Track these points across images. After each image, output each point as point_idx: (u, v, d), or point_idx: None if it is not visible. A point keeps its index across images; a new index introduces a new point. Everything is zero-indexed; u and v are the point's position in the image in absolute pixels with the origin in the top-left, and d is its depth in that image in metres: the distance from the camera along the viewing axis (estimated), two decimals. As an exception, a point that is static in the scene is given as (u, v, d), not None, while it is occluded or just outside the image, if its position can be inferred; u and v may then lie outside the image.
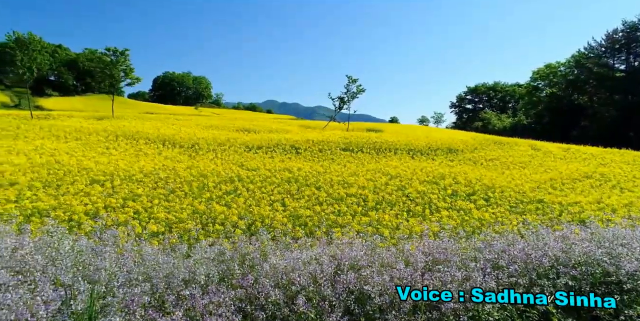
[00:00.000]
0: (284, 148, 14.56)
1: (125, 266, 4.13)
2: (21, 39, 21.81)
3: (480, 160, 15.06)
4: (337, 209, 6.61)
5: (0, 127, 15.27)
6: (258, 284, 3.49)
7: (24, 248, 4.30)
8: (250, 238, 5.04)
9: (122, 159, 10.32)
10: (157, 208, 6.22)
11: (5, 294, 3.18)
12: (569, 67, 46.92)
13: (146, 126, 22.22)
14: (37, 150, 10.86)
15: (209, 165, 9.91)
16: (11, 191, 6.62)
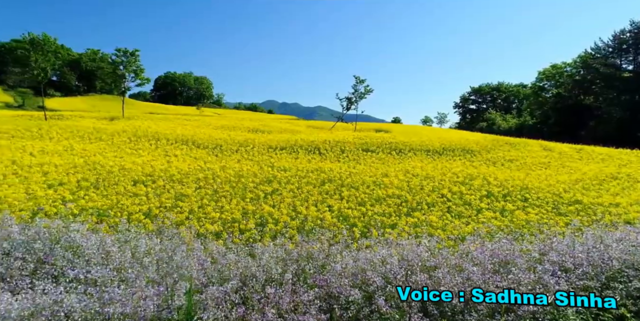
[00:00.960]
0: (305, 149, 14.70)
1: (200, 264, 4.30)
2: (35, 39, 21.94)
3: (499, 160, 15.19)
4: (383, 210, 6.75)
5: (23, 128, 15.40)
6: (334, 283, 3.58)
7: (108, 247, 4.46)
8: (308, 237, 5.18)
9: (154, 160, 10.46)
10: (208, 208, 6.36)
11: (113, 289, 3.35)
12: (575, 67, 46.99)
13: (160, 126, 22.37)
14: (68, 151, 11.01)
15: (238, 165, 10.04)
16: (64, 191, 6.77)
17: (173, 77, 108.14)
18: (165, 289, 3.63)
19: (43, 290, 3.36)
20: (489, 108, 77.37)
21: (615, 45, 40.86)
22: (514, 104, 76.91)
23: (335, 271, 3.81)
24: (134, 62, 31.27)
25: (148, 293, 3.40)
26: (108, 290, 3.47)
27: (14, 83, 77.85)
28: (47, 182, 7.43)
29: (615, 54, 41.35)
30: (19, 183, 7.21)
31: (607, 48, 41.80)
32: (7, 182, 7.14)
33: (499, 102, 78.47)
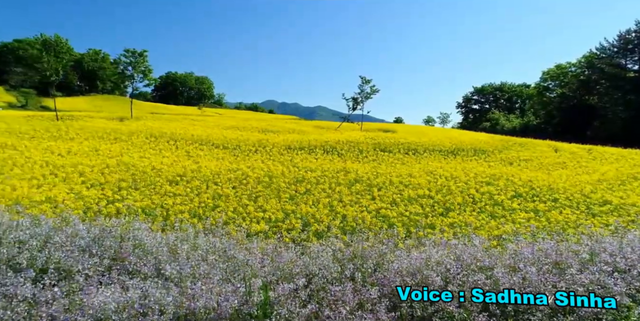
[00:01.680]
0: (322, 149, 14.85)
1: (260, 262, 4.46)
2: (48, 40, 22.08)
3: (514, 160, 15.33)
4: (417, 210, 6.88)
5: (41, 129, 15.55)
6: (394, 282, 3.69)
7: (172, 244, 4.62)
8: (352, 237, 5.31)
9: (179, 160, 10.60)
10: (249, 208, 6.49)
11: (195, 285, 3.52)
12: (579, 67, 47.14)
13: (172, 127, 22.50)
14: (94, 151, 11.15)
15: (264, 165, 10.17)
16: (106, 190, 6.91)
17: (174, 77, 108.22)
18: (242, 285, 3.80)
19: (123, 285, 3.55)
20: (491, 108, 77.51)
21: (621, 45, 41.01)
22: (516, 104, 77.05)
23: (393, 270, 3.93)
24: (142, 63, 31.39)
25: (226, 289, 3.57)
26: (189, 285, 3.65)
27: (16, 83, 78.02)
28: (87, 182, 7.57)
29: (620, 54, 41.50)
30: (60, 183, 7.35)
31: (613, 48, 41.95)
32: (49, 182, 7.28)
33: (501, 102, 78.60)
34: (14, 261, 4.12)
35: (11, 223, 4.91)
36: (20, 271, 4.00)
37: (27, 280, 3.71)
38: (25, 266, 4.03)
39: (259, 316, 3.29)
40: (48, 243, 4.46)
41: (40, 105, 71.01)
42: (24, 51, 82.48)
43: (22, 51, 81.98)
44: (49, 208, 5.62)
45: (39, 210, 5.58)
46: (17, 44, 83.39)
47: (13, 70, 78.79)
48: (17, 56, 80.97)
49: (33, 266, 4.09)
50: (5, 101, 65.20)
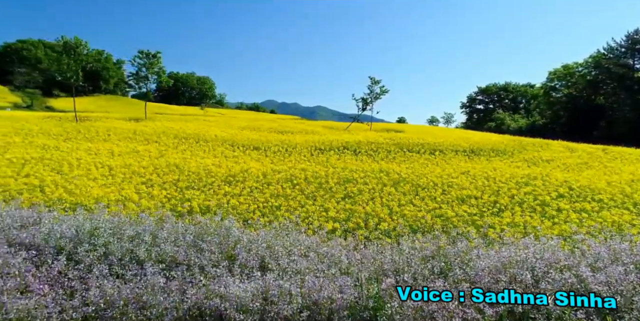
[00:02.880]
0: (349, 149, 15.12)
1: (349, 259, 4.75)
2: (69, 43, 22.35)
3: (536, 160, 15.58)
4: (470, 210, 7.13)
5: (71, 130, 15.81)
6: (484, 279, 3.93)
7: (270, 241, 4.90)
8: (423, 236, 5.57)
9: (218, 161, 10.85)
10: (312, 207, 6.74)
11: (313, 277, 3.81)
12: (586, 67, 47.42)
13: (190, 127, 22.78)
14: (134, 152, 11.40)
15: (305, 166, 10.41)
16: (171, 191, 7.16)
17: (176, 77, 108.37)
18: (355, 279, 4.09)
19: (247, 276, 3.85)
20: (495, 108, 77.76)
21: (629, 45, 41.30)
22: (521, 104, 77.31)
23: (479, 268, 4.16)
24: (156, 64, 31.64)
25: (343, 282, 3.86)
26: (307, 278, 3.95)
27: (20, 84, 78.24)
28: (147, 182, 7.83)
29: (628, 55, 41.79)
30: (123, 183, 7.61)
31: (620, 48, 42.25)
32: (113, 182, 7.54)
33: (506, 102, 78.87)
34: (133, 254, 4.42)
35: (113, 220, 5.20)
36: (142, 263, 4.32)
37: (156, 271, 4.04)
38: (144, 259, 4.33)
39: (376, 307, 3.56)
40: (157, 239, 4.76)
41: (44, 105, 71.26)
42: (28, 52, 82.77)
43: (25, 52, 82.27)
44: (131, 207, 5.87)
45: (117, 209, 5.83)
46: (21, 44, 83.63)
47: (17, 71, 79.01)
48: (20, 57, 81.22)
49: (151, 259, 4.39)
50: (10, 102, 65.41)
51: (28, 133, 14.31)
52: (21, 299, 3.49)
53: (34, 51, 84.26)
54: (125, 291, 3.69)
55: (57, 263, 4.15)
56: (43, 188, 6.87)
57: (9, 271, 3.96)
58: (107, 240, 4.65)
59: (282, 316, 3.44)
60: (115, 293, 3.69)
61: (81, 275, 4.03)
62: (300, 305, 3.49)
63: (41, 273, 3.96)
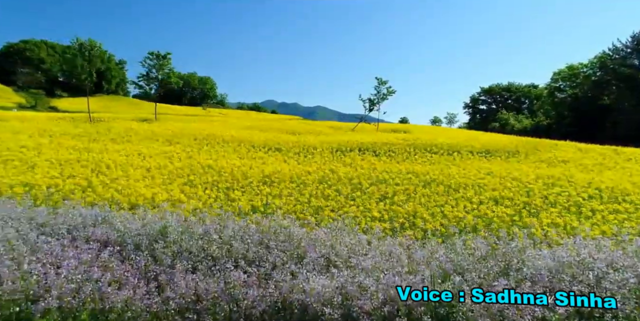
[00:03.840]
0: (370, 150, 15.33)
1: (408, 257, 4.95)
2: (84, 45, 22.56)
3: (551, 161, 15.77)
4: (506, 211, 7.30)
5: (94, 132, 16.00)
6: (546, 278, 4.09)
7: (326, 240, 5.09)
8: (472, 237, 5.75)
9: (247, 162, 11.03)
10: (352, 207, 6.93)
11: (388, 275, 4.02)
12: (591, 68, 47.61)
13: (204, 128, 22.96)
14: (165, 154, 11.59)
15: (332, 167, 10.60)
16: (213, 191, 7.35)
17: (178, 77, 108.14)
18: (428, 276, 4.29)
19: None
20: (499, 108, 77.93)
21: (634, 46, 41.48)
22: (524, 105, 77.47)
23: (539, 268, 4.32)
24: (166, 65, 31.85)
25: (415, 280, 4.07)
26: (382, 275, 4.17)
27: (24, 84, 78.41)
28: (187, 183, 8.02)
29: (634, 55, 41.96)
30: (166, 184, 7.80)
31: (626, 49, 42.43)
32: (156, 182, 7.73)
33: (509, 103, 79.03)
34: (208, 251, 4.64)
35: (179, 219, 5.40)
36: (216, 259, 4.54)
37: (236, 267, 4.26)
38: (218, 256, 4.55)
39: (451, 304, 3.75)
40: (223, 237, 4.98)
41: (48, 106, 71.38)
42: (31, 52, 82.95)
43: (28, 52, 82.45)
44: (182, 207, 6.06)
45: (171, 209, 6.02)
46: (24, 44, 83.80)
47: (20, 71, 79.19)
48: (23, 57, 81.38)
49: (224, 256, 4.61)
50: (15, 102, 65.56)
51: (52, 134, 14.50)
52: (121, 290, 3.71)
53: (37, 51, 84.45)
54: (213, 285, 3.92)
55: (139, 258, 4.37)
56: (93, 188, 7.06)
57: (100, 265, 4.18)
58: (178, 237, 4.86)
59: (365, 310, 3.64)
60: (204, 286, 3.91)
61: (163, 270, 4.26)
62: (380, 300, 3.70)
63: (127, 267, 4.18)
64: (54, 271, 3.88)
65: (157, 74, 30.95)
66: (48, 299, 3.47)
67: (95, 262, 4.19)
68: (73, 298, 3.58)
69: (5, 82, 75.78)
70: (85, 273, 3.98)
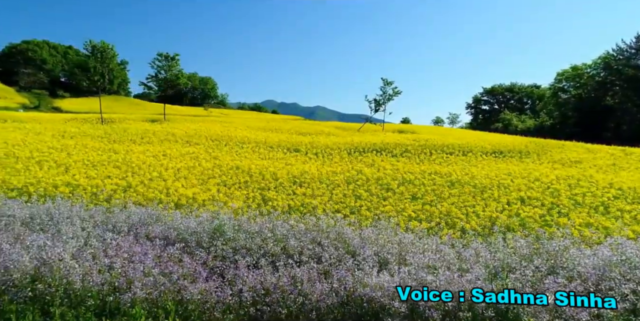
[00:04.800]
0: (386, 151, 15.53)
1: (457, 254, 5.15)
2: (97, 47, 22.79)
3: (565, 161, 15.95)
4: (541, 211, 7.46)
5: (113, 133, 16.19)
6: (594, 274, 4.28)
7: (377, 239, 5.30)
8: (511, 236, 5.93)
9: (271, 163, 11.23)
10: (387, 207, 7.13)
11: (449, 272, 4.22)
12: (595, 69, 47.85)
13: (214, 129, 23.16)
14: (187, 154, 11.79)
15: (356, 167, 10.81)
16: (248, 191, 7.56)
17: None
18: (480, 274, 4.49)
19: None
20: (501, 109, 78.15)
21: (639, 46, 41.70)
22: (526, 105, 77.70)
23: (586, 266, 4.50)
24: (174, 66, 32.07)
25: (472, 277, 4.28)
26: (440, 271, 4.38)
27: (26, 85, 78.62)
28: (220, 183, 8.23)
29: (638, 56, 42.18)
30: (200, 184, 8.00)
31: (630, 49, 42.66)
32: (192, 183, 7.93)
33: (511, 103, 79.27)
34: (265, 248, 4.86)
35: (230, 217, 5.61)
36: (277, 256, 4.76)
37: (298, 263, 4.49)
38: (277, 252, 4.77)
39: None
40: (275, 235, 5.20)
41: (51, 106, 71.62)
42: (33, 53, 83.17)
43: (30, 53, 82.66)
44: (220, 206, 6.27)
45: (215, 208, 6.22)
46: (26, 45, 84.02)
47: (22, 72, 79.41)
48: (25, 57, 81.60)
49: (281, 253, 4.83)
50: (18, 102, 65.77)
51: (73, 136, 14.70)
52: (194, 283, 3.94)
53: (39, 52, 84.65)
54: (283, 279, 4.14)
55: (202, 254, 4.59)
56: (134, 188, 7.26)
57: (168, 260, 4.40)
58: (234, 235, 5.08)
59: (429, 305, 3.86)
60: (272, 280, 4.14)
61: (227, 265, 4.48)
62: (450, 293, 3.91)
63: (194, 262, 4.40)
64: (129, 265, 4.12)
65: (166, 75, 31.16)
66: (135, 290, 3.70)
67: (164, 257, 4.41)
68: (155, 290, 3.82)
69: (7, 82, 76.00)
70: (157, 266, 4.22)
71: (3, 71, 79.48)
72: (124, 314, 3.66)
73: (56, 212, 5.43)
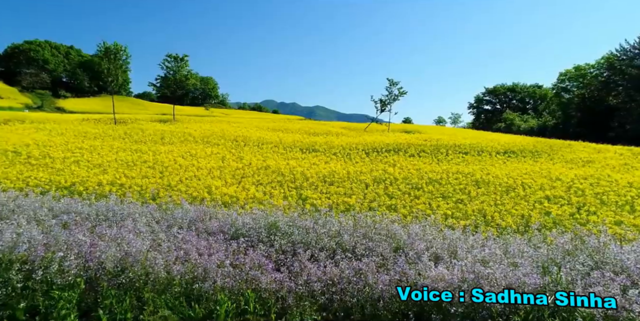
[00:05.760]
0: (402, 151, 15.80)
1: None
2: (110, 49, 23.05)
3: (577, 161, 16.21)
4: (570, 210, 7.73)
5: (134, 133, 16.43)
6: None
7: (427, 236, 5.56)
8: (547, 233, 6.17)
9: (296, 162, 11.50)
10: (421, 206, 7.40)
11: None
12: (598, 69, 48.16)
13: (228, 130, 23.41)
14: (213, 154, 12.05)
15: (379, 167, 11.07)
16: (284, 188, 7.82)
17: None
18: (530, 269, 4.73)
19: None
20: (503, 109, 78.46)
21: (642, 47, 42.00)
22: (528, 105, 78.03)
23: (629, 259, 4.77)
24: (183, 68, 32.29)
25: (526, 271, 4.52)
26: (493, 265, 4.62)
27: (28, 85, 78.83)
28: (256, 182, 8.49)
29: (642, 56, 42.48)
30: (235, 183, 8.27)
31: (634, 49, 42.95)
32: (229, 182, 8.19)
33: (513, 103, 79.60)
34: (321, 243, 5.13)
35: (280, 213, 5.89)
36: (333, 250, 5.02)
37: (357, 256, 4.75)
38: (332, 247, 5.03)
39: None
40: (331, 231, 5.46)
41: (54, 106, 71.85)
42: (35, 53, 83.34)
43: (33, 53, 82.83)
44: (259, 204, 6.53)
45: (258, 206, 6.48)
46: (28, 45, 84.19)
47: (24, 72, 79.60)
48: (28, 57, 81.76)
49: (336, 247, 5.10)
50: (21, 102, 65.98)
51: (97, 137, 14.95)
52: (264, 274, 4.22)
53: (41, 52, 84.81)
54: (347, 271, 4.41)
55: (266, 248, 4.87)
56: (173, 187, 7.53)
57: (237, 253, 4.68)
58: (289, 230, 5.35)
59: (489, 298, 4.11)
60: (337, 272, 4.40)
61: (287, 258, 4.76)
62: (502, 287, 4.18)
63: (259, 255, 4.67)
64: (201, 257, 4.39)
65: (176, 76, 31.40)
66: (214, 278, 3.99)
67: (229, 251, 4.69)
68: (231, 279, 4.10)
69: (10, 82, 76.21)
70: (227, 258, 4.50)
71: (5, 71, 79.72)
72: (207, 300, 3.94)
73: (118, 208, 5.69)
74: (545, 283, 4.22)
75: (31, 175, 7.80)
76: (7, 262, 3.97)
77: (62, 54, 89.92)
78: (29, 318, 3.53)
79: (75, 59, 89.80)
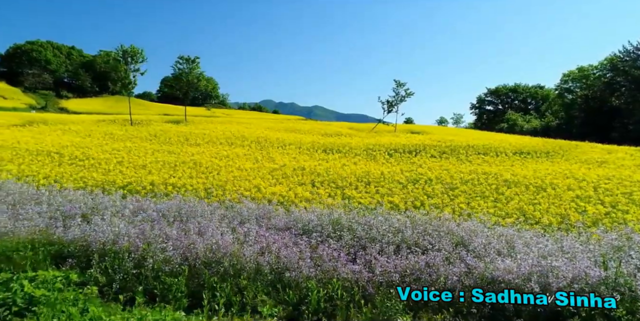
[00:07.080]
0: (422, 152, 16.14)
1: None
2: (127, 51, 23.38)
3: (592, 162, 16.51)
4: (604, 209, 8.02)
5: (160, 135, 16.75)
6: None
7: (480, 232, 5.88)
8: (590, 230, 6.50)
9: (326, 163, 11.83)
10: (462, 205, 7.74)
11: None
12: (601, 70, 48.62)
13: (243, 131, 23.68)
14: (244, 155, 12.38)
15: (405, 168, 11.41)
16: (325, 189, 8.16)
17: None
18: (586, 263, 5.04)
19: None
20: (505, 109, 78.85)
21: (645, 48, 42.45)
22: (530, 105, 78.44)
23: None
24: (195, 69, 32.59)
25: (585, 264, 4.85)
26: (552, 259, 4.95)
27: (31, 85, 78.93)
28: (295, 182, 8.83)
29: (645, 57, 42.93)
30: (277, 184, 8.61)
31: (637, 51, 43.41)
32: (272, 182, 8.53)
33: (515, 103, 80.00)
34: (385, 238, 5.47)
35: (338, 212, 6.22)
36: (410, 246, 5.37)
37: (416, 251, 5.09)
38: (395, 242, 5.39)
39: (626, 283, 4.52)
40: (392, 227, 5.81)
41: (57, 107, 71.91)
42: (38, 53, 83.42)
43: (35, 53, 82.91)
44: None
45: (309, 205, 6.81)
46: (30, 45, 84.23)
47: (27, 72, 79.69)
48: (30, 58, 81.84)
49: (400, 242, 5.45)
50: (25, 103, 66.08)
51: (124, 138, 15.25)
52: (350, 266, 4.58)
53: (43, 52, 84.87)
54: (418, 263, 4.76)
55: (335, 242, 5.21)
56: (224, 186, 7.87)
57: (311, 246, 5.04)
58: (353, 227, 5.70)
59: (556, 288, 4.45)
60: (406, 264, 4.76)
61: (355, 251, 5.12)
62: (569, 279, 4.51)
63: (329, 249, 5.02)
64: (280, 250, 4.76)
65: (188, 77, 31.71)
66: (302, 268, 4.38)
67: (301, 244, 5.04)
68: (315, 269, 4.48)
69: (12, 82, 76.26)
70: (306, 251, 4.86)
71: (8, 72, 79.74)
72: (297, 287, 4.30)
73: (186, 206, 6.03)
74: (607, 276, 4.57)
75: (85, 175, 8.11)
76: (114, 253, 4.31)
77: (64, 55, 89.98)
78: (147, 300, 3.87)
79: (77, 59, 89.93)
